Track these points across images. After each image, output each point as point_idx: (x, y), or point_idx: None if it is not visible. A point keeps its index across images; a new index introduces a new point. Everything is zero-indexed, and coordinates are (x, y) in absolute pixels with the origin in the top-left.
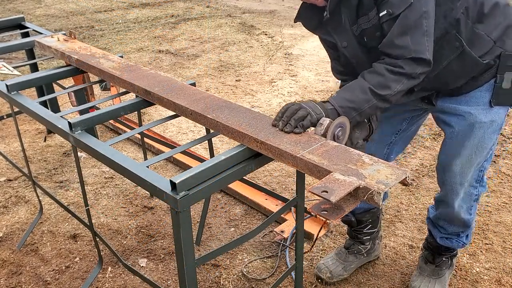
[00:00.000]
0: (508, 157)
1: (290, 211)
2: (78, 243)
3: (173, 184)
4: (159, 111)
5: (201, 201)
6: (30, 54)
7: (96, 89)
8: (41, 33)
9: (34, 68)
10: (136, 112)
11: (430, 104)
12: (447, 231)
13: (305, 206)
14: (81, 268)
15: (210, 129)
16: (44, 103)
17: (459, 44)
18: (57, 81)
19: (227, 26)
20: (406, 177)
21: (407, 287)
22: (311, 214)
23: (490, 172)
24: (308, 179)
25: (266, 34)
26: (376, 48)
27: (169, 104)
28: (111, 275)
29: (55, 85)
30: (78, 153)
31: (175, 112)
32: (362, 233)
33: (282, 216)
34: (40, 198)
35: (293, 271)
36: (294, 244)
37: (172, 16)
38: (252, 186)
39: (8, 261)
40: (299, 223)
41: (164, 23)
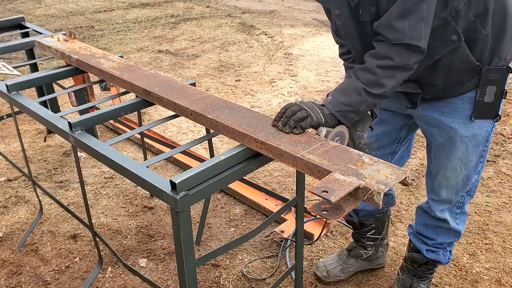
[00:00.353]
0: (508, 157)
1: (290, 211)
2: (78, 243)
3: (173, 184)
4: (159, 111)
5: (201, 201)
6: (30, 54)
7: (96, 89)
8: (41, 33)
9: (34, 68)
10: (136, 112)
11: (414, 107)
12: (436, 242)
13: (305, 206)
14: (81, 268)
15: (210, 129)
16: (44, 103)
17: (457, 38)
18: (57, 81)
19: (227, 26)
20: (406, 177)
21: None
22: (314, 216)
23: (490, 172)
24: (308, 179)
25: (266, 34)
26: (367, 24)
27: (169, 104)
28: (111, 275)
29: (55, 85)
30: (78, 153)
31: (175, 112)
32: (365, 238)
33: (282, 216)
34: (40, 198)
35: (293, 271)
36: (294, 244)
37: (172, 16)
38: (252, 186)
39: (8, 261)
40: (299, 223)
41: (164, 23)
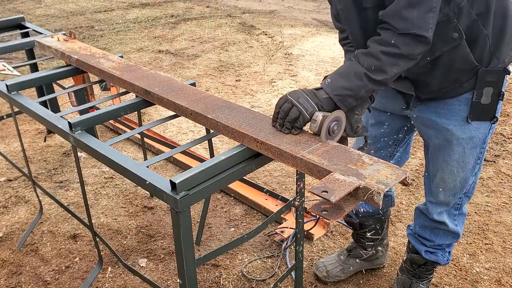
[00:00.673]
0: (508, 157)
1: (290, 211)
2: (78, 243)
3: (173, 184)
4: (159, 111)
5: (201, 201)
6: (30, 54)
7: (96, 89)
8: (41, 33)
9: (34, 68)
10: (136, 112)
11: (409, 108)
12: (434, 243)
13: (305, 206)
14: (81, 268)
15: (210, 129)
16: (44, 103)
17: (458, 36)
18: (57, 81)
19: (227, 26)
20: (406, 177)
21: None
22: (314, 216)
23: (490, 172)
24: (308, 179)
25: (266, 34)
26: (370, 10)
27: (169, 104)
28: (111, 275)
29: (55, 85)
30: (78, 153)
31: (175, 112)
32: (365, 238)
33: (282, 216)
34: (40, 198)
35: (293, 271)
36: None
37: (172, 16)
38: (252, 186)
39: (8, 261)
40: (299, 223)
41: (164, 23)
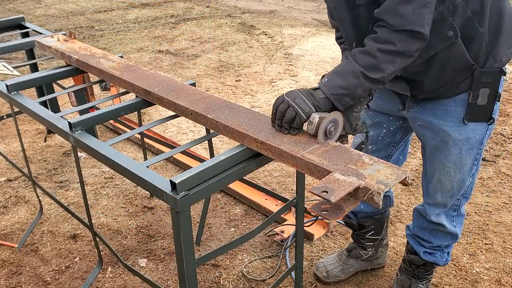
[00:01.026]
0: (508, 157)
1: (290, 211)
2: (78, 243)
3: (173, 184)
4: (159, 111)
5: (201, 201)
6: (30, 54)
7: (96, 89)
8: (41, 33)
9: (34, 68)
10: (136, 112)
11: (405, 109)
12: (433, 244)
13: (305, 206)
14: (81, 268)
15: (210, 129)
16: (44, 103)
17: (453, 35)
18: (57, 81)
19: (227, 26)
20: (406, 177)
21: None
22: (315, 217)
23: (490, 172)
24: (308, 179)
25: (266, 34)
26: (362, 8)
27: (169, 104)
28: (111, 275)
29: (55, 85)
30: (78, 153)
31: (175, 112)
32: (365, 238)
33: (282, 216)
34: (40, 198)
35: (293, 271)
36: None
37: (172, 16)
38: (252, 186)
39: (8, 261)
40: (299, 223)
41: (164, 23)
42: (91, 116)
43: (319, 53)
